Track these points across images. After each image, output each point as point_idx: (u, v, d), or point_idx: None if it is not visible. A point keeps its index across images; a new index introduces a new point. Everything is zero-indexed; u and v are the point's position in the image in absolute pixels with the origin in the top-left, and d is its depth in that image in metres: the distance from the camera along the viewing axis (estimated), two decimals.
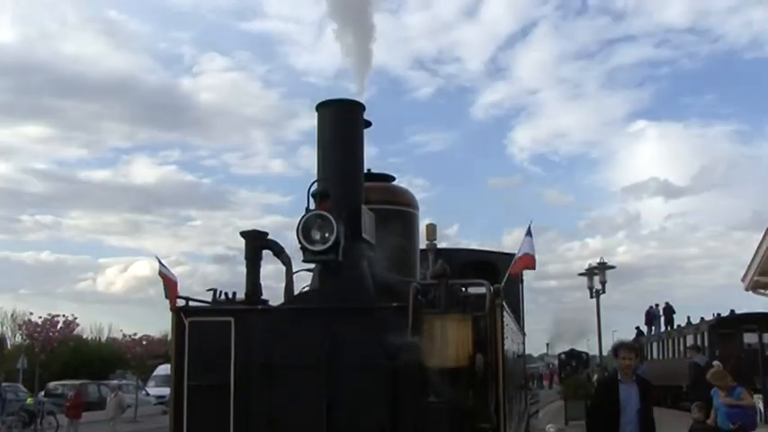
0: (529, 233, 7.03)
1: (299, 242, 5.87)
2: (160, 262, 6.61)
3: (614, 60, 66.24)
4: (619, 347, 7.37)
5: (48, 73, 50.87)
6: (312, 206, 5.95)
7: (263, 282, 6.44)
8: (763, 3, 64.99)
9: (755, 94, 68.52)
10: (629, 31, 70.27)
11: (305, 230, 5.83)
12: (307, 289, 6.74)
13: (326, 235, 5.78)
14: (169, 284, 6.43)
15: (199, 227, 58.23)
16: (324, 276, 6.20)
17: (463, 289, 6.89)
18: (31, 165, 60.02)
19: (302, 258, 6.05)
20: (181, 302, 6.37)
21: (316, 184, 6.07)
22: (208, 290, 6.46)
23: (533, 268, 7.29)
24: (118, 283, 50.98)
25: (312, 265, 6.42)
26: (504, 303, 6.14)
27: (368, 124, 6.75)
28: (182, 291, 6.52)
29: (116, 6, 68.25)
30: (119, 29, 56.59)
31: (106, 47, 58.51)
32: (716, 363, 15.44)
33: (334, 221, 5.76)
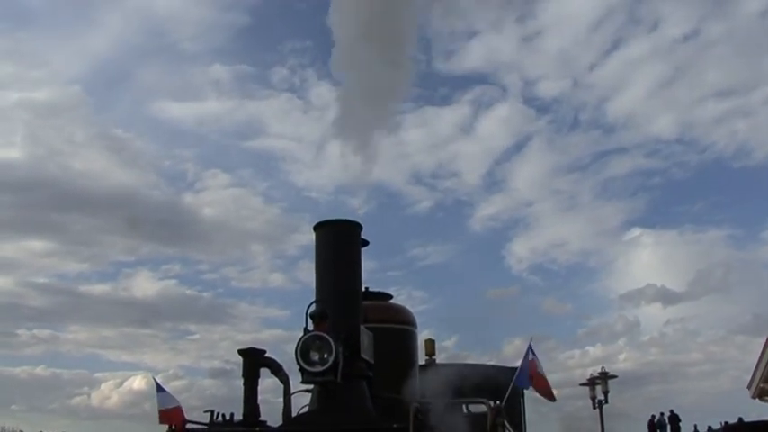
0: (533, 352, 7.03)
1: (298, 363, 5.81)
2: (158, 385, 6.54)
3: (607, 172, 67.17)
4: None
5: (53, 189, 51.41)
6: (310, 327, 5.90)
7: (261, 396, 6.35)
8: (745, 114, 66.93)
9: (746, 201, 69.36)
10: (621, 144, 71.71)
11: (303, 352, 5.77)
12: (306, 409, 6.57)
13: (325, 356, 5.73)
14: (169, 415, 6.35)
15: (197, 340, 56.98)
16: (323, 397, 6.08)
17: (464, 407, 6.77)
18: (32, 279, 59.55)
19: (301, 379, 5.97)
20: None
21: (314, 305, 6.04)
22: (205, 411, 6.33)
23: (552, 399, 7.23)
24: (113, 397, 49.39)
25: (311, 386, 6.29)
26: (505, 421, 6.04)
27: (365, 243, 6.76)
28: None
29: (123, 125, 69.89)
30: (125, 146, 57.71)
31: (111, 163, 59.45)
32: None
33: (332, 342, 5.71)
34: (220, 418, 6.29)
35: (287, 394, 6.43)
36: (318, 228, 6.64)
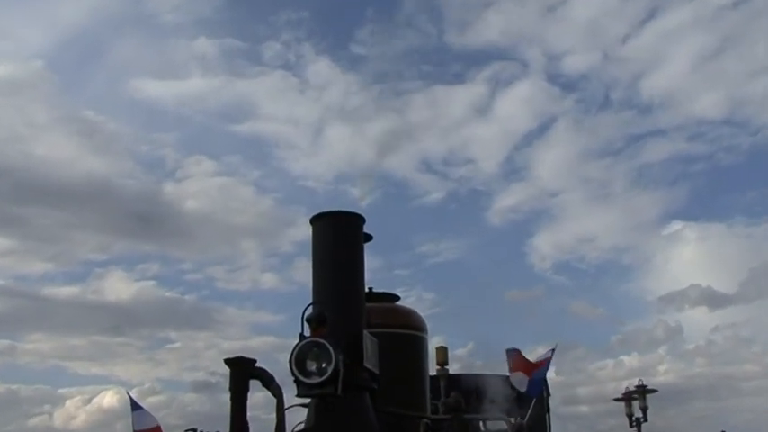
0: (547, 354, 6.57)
1: (293, 374, 5.43)
2: (133, 402, 6.00)
3: (643, 157, 62.75)
4: None
5: (13, 178, 48.90)
6: (307, 332, 5.52)
7: (251, 412, 5.76)
8: None
9: None
10: (659, 125, 66.79)
11: (299, 361, 5.38)
12: (301, 426, 6.14)
13: (323, 365, 5.33)
14: None
15: (178, 349, 53.88)
16: (321, 412, 5.71)
17: (481, 424, 6.39)
18: None
19: (296, 392, 5.57)
20: None
21: (311, 308, 5.64)
22: (187, 430, 5.95)
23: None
24: (80, 416, 46.64)
25: (307, 400, 5.90)
26: None
27: (368, 238, 6.36)
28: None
29: (93, 106, 65.91)
30: (96, 130, 54.87)
31: (80, 149, 57.15)
32: None
33: (331, 350, 5.30)
34: None
35: (280, 409, 5.78)
36: (316, 220, 6.22)
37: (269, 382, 5.73)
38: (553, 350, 6.71)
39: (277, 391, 5.73)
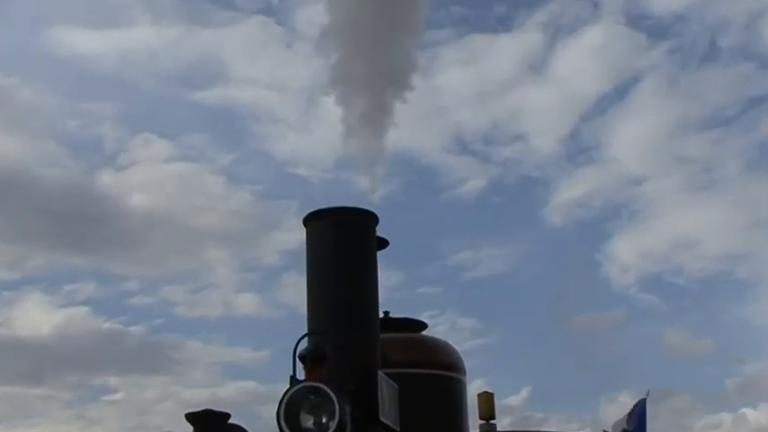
0: (640, 409, 5.25)
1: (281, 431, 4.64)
2: None
3: (766, 128, 53.68)
4: None
5: None
6: (301, 374, 4.80)
7: None
8: None
9: None
10: None
11: (290, 414, 4.63)
12: None
13: (323, 420, 4.62)
14: None
15: (120, 402, 46.64)
16: None
17: None
18: None
19: None
20: None
21: (305, 340, 4.90)
22: None
23: None
24: None
25: None
26: None
27: (383, 244, 5.60)
28: None
29: (1, 66, 59.24)
30: (4, 98, 48.51)
31: None
32: None
33: (334, 398, 4.57)
34: None
35: None
36: (312, 221, 5.45)
37: None
38: (644, 401, 5.41)
39: None
